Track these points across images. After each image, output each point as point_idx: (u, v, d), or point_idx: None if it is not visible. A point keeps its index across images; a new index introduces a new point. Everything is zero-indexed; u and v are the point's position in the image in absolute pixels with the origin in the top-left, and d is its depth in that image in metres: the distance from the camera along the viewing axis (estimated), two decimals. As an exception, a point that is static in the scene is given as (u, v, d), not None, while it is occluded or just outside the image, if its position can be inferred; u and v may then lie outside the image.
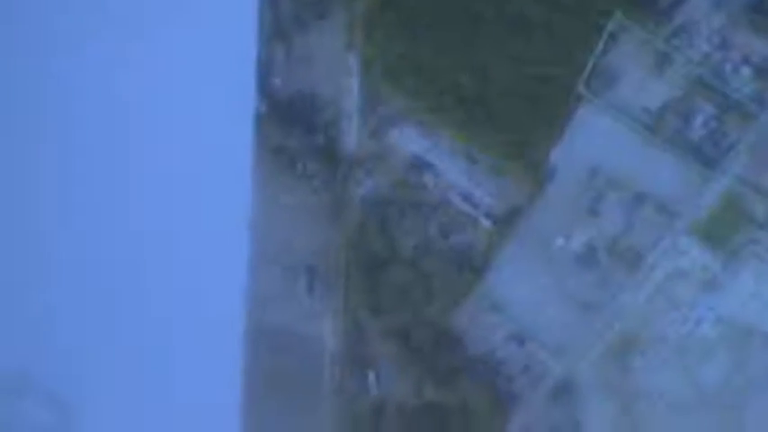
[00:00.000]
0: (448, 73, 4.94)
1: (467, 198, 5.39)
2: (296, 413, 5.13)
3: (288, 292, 5.41)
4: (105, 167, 5.68)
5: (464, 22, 4.69)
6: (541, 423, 5.40)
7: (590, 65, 4.85)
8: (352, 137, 5.02)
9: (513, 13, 4.58)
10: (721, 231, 4.46)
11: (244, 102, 4.86)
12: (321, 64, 5.16)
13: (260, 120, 5.18)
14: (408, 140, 5.24)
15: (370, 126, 5.46)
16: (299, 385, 5.19)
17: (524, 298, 5.19)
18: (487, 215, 5.26)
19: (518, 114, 5.12)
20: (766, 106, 4.64)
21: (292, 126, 5.28)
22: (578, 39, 4.81)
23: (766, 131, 4.88)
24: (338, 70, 5.04)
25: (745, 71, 4.74)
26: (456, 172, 5.13)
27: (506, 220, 5.34)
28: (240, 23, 4.63)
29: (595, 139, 5.15)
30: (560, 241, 5.54)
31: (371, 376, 5.85)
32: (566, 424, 6.12)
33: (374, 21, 4.92)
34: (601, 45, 4.81)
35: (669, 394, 5.02)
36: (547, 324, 5.20)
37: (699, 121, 4.95)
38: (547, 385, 5.50)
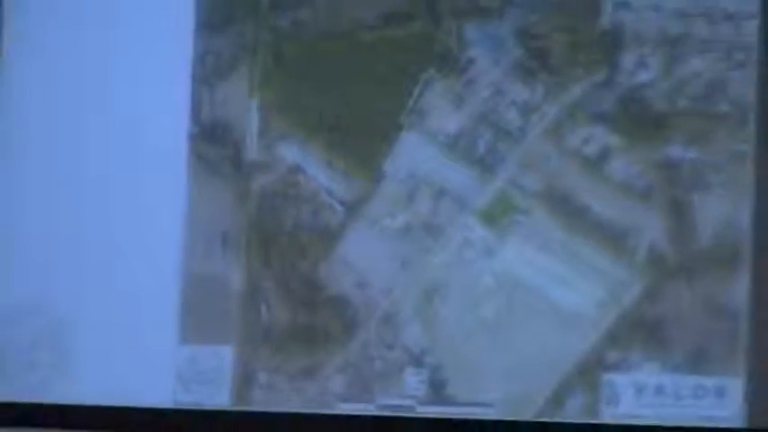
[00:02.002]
0: (319, 109, 5.86)
1: (327, 191, 6.33)
2: (212, 334, 6.02)
3: (209, 252, 6.26)
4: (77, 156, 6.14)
5: (331, 76, 5.60)
6: (375, 341, 6.29)
7: (410, 103, 5.73)
8: (252, 150, 5.90)
9: (362, 70, 5.45)
10: (496, 215, 5.27)
11: (181, 126, 5.72)
12: (232, 102, 6.10)
13: (192, 138, 6.11)
14: (290, 153, 6.13)
15: (264, 143, 6.35)
16: (214, 313, 6.09)
17: (364, 258, 6.12)
18: (341, 202, 6.20)
19: (363, 137, 6.11)
20: (526, 134, 5.54)
21: (213, 142, 6.21)
22: (404, 85, 5.74)
23: (527, 150, 5.78)
24: (244, 106, 5.97)
25: (513, 110, 5.67)
26: (321, 174, 5.99)
27: (353, 206, 6.35)
28: (178, 73, 5.51)
29: (413, 153, 6.03)
30: (388, 220, 6.43)
31: (263, 308, 6.70)
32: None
33: (268, 74, 5.89)
34: (418, 89, 5.69)
35: (460, 324, 5.89)
36: (376, 275, 6.22)
37: (481, 142, 5.74)
38: (378, 315, 6.43)
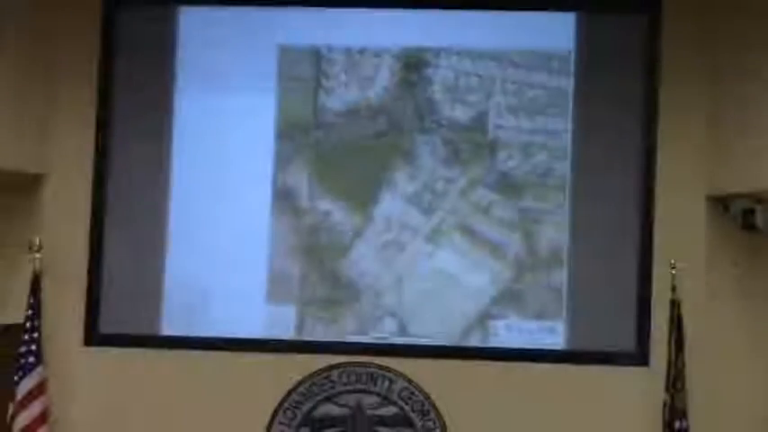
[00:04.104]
0: (339, 181, 6.76)
1: (342, 225, 7.36)
2: (284, 299, 6.49)
3: (281, 257, 6.88)
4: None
5: (345, 164, 6.41)
6: (370, 304, 6.73)
7: (387, 178, 6.50)
8: (304, 203, 6.74)
9: (362, 160, 6.11)
10: (433, 238, 6.19)
11: (267, 191, 6.63)
12: (295, 177, 7.17)
13: (273, 196, 7.03)
14: (324, 205, 7.09)
15: (310, 199, 7.00)
16: (285, 289, 6.47)
17: (364, 260, 6.93)
18: (350, 230, 7.13)
19: (362, 196, 7.02)
20: (449, 194, 6.11)
21: (283, 199, 6.99)
22: (385, 168, 6.46)
23: (450, 203, 6.18)
24: (300, 179, 6.96)
25: (441, 182, 6.18)
26: (339, 216, 7.09)
27: (357, 232, 7.20)
28: (265, 161, 6.43)
29: (389, 205, 6.87)
30: (376, 240, 7.20)
31: (309, 287, 6.92)
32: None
33: (312, 162, 6.80)
34: (391, 170, 6.28)
35: (415, 295, 6.31)
36: (370, 269, 6.91)
37: (425, 199, 6.24)
38: (371, 291, 6.90)
